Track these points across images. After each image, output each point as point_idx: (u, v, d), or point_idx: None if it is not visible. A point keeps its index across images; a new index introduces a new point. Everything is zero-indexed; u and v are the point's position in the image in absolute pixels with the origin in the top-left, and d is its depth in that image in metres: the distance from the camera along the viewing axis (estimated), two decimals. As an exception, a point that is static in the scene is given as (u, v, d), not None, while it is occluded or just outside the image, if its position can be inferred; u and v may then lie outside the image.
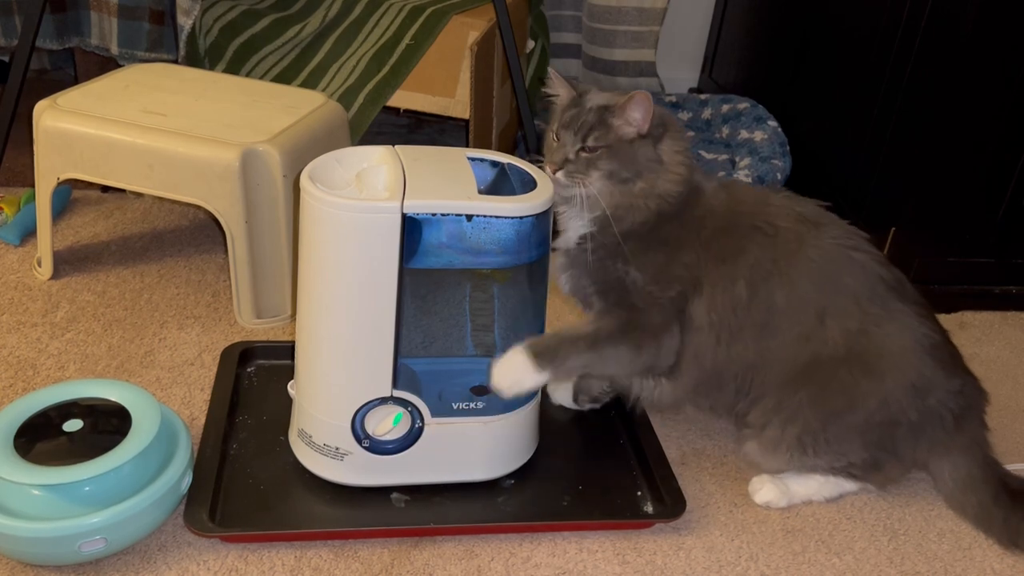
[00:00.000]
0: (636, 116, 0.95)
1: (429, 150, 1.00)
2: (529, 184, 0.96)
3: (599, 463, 1.09)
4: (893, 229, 1.46)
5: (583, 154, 0.97)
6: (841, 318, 0.99)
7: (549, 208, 0.93)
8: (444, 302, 0.92)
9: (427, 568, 0.93)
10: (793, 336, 0.99)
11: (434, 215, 0.87)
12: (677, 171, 0.98)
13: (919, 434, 1.02)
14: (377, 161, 0.97)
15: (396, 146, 0.98)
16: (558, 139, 0.99)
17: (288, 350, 1.08)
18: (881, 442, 1.02)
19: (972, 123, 1.36)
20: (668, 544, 0.99)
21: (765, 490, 1.06)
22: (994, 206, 1.44)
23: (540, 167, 0.99)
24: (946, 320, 1.50)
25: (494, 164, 1.00)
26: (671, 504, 1.01)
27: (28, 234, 1.47)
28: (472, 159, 0.98)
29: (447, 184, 0.91)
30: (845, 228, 1.03)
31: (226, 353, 1.18)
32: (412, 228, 0.87)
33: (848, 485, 1.07)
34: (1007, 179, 1.41)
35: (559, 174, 0.97)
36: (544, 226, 0.93)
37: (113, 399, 0.97)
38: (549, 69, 1.03)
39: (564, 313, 1.42)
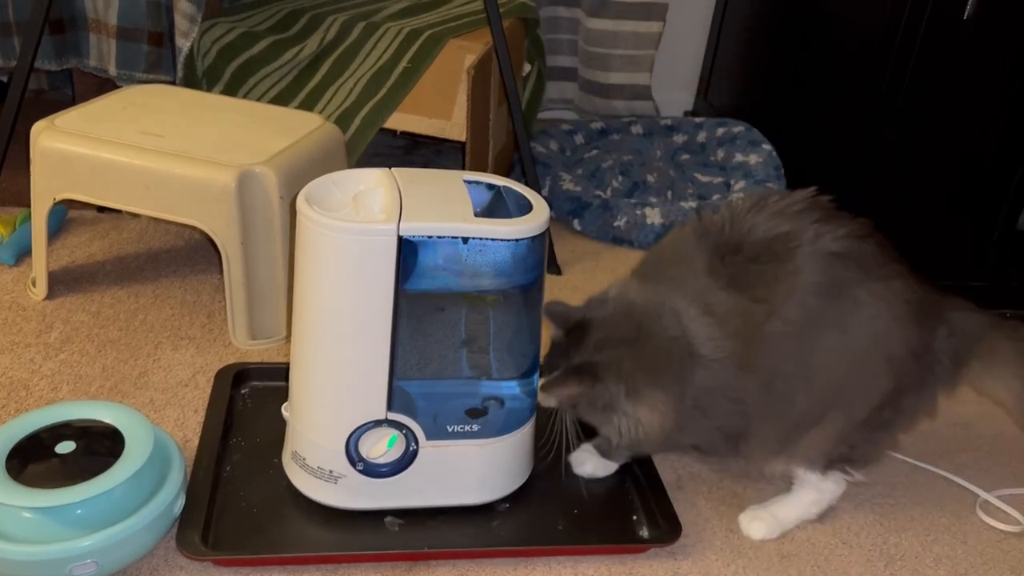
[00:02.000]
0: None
1: (425, 172, 1.00)
2: (525, 207, 0.96)
3: (594, 487, 1.08)
4: (887, 253, 1.47)
5: None
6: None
7: (545, 231, 0.93)
8: (440, 324, 0.92)
9: (421, 593, 0.93)
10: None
11: (430, 237, 0.87)
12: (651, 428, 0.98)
13: (922, 388, 1.01)
14: (373, 183, 0.97)
15: (392, 168, 0.98)
16: None
17: (282, 372, 1.08)
18: (884, 421, 1.00)
19: (965, 148, 1.38)
20: (663, 569, 0.99)
21: (755, 527, 1.04)
22: (987, 230, 1.44)
23: None
24: (941, 343, 1.50)
25: (490, 187, 1.00)
26: (666, 528, 1.00)
27: (23, 254, 1.46)
28: (468, 182, 0.98)
29: (443, 206, 0.92)
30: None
31: (220, 375, 1.18)
32: (408, 250, 0.87)
33: (836, 488, 1.05)
34: (1001, 202, 1.42)
35: None
36: (539, 249, 0.93)
37: (106, 421, 0.96)
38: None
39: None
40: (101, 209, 1.63)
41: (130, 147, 1.23)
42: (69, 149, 1.24)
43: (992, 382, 1.05)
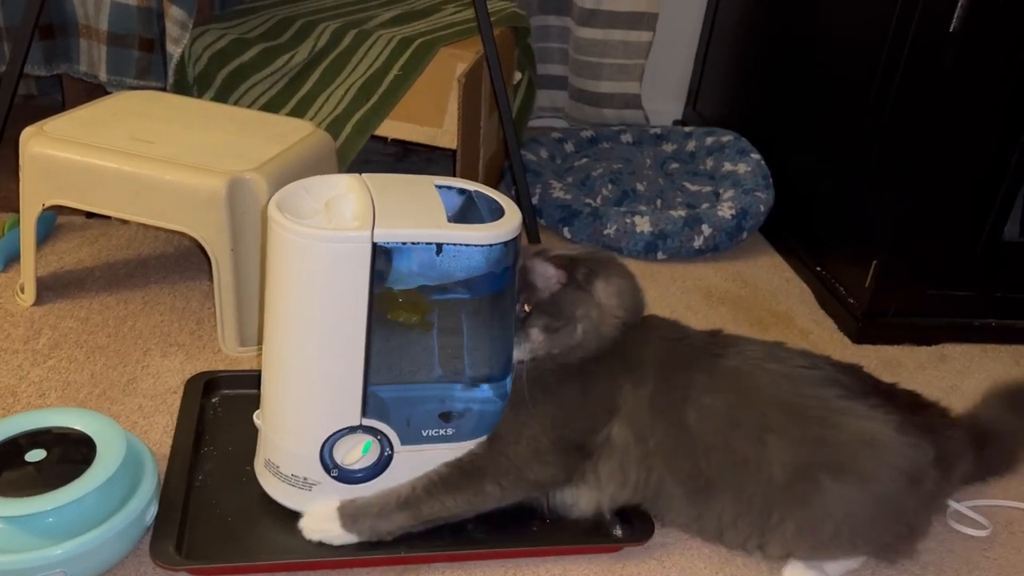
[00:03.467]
0: (537, 282, 0.99)
1: (397, 178, 1.00)
2: (497, 211, 0.96)
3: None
4: (875, 262, 1.48)
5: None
6: (784, 435, 0.95)
7: (518, 235, 0.93)
8: (413, 329, 0.92)
9: (410, 600, 0.93)
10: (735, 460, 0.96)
11: (404, 244, 0.87)
12: (615, 314, 1.01)
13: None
14: (345, 189, 0.97)
15: (364, 174, 0.98)
16: None
17: (254, 380, 1.07)
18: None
19: (953, 158, 1.39)
20: (650, 570, 0.99)
21: None
22: (973, 240, 1.46)
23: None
24: (927, 352, 1.51)
25: (461, 191, 1.01)
26: (639, 527, 1.01)
27: (11, 260, 1.46)
28: (440, 187, 0.99)
29: (416, 212, 0.92)
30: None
31: (191, 383, 1.17)
32: (382, 257, 0.87)
33: None
34: (985, 214, 1.43)
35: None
36: (512, 253, 0.93)
37: (77, 428, 0.95)
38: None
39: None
40: (90, 215, 1.63)
41: (120, 153, 1.23)
42: (58, 155, 1.24)
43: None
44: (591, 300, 0.99)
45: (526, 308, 0.98)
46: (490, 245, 0.90)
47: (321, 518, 0.95)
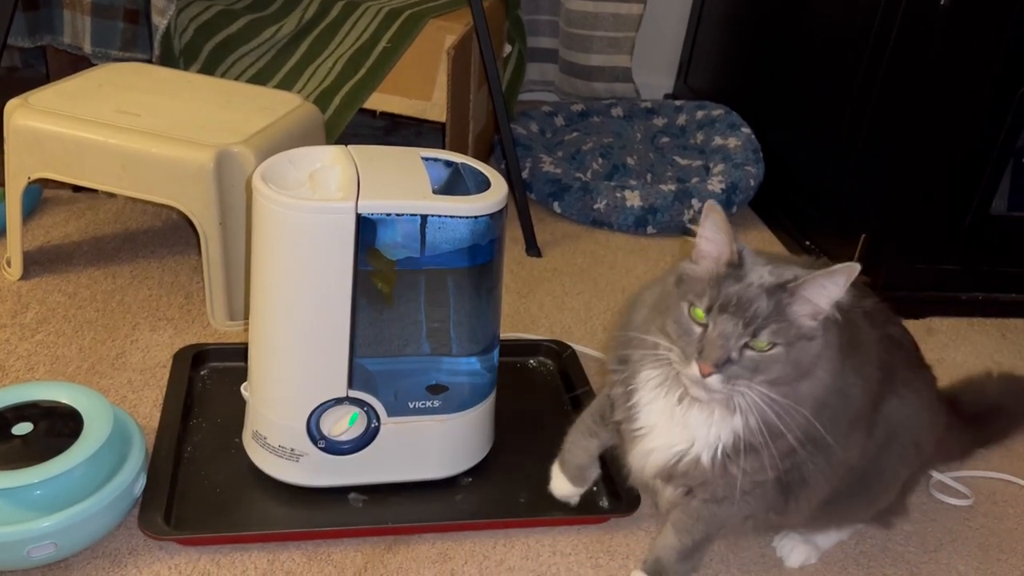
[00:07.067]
0: (822, 303, 0.73)
1: (383, 150, 1.00)
2: (483, 184, 0.96)
3: (554, 460, 1.09)
4: (863, 236, 1.49)
5: (749, 352, 0.73)
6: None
7: (503, 208, 0.93)
8: (399, 301, 0.92)
9: (400, 571, 0.93)
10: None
11: (388, 215, 0.87)
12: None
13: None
14: (330, 161, 0.96)
15: (349, 146, 0.98)
16: (714, 324, 0.73)
17: (241, 352, 1.07)
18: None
19: (940, 133, 1.39)
20: (640, 547, 1.00)
21: (795, 556, 1.00)
22: (961, 214, 1.46)
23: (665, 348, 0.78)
24: (914, 326, 1.52)
25: (448, 164, 1.00)
26: (626, 499, 1.02)
27: (-3, 234, 1.45)
28: (426, 159, 0.98)
29: (401, 184, 0.92)
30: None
31: (179, 356, 1.18)
32: (367, 228, 0.87)
33: None
34: (973, 189, 1.44)
35: (714, 378, 0.73)
36: (498, 226, 0.93)
37: (64, 401, 0.95)
38: (708, 202, 0.77)
39: (521, 309, 1.43)
40: (77, 189, 1.62)
41: (106, 126, 1.22)
42: (43, 128, 1.23)
43: None
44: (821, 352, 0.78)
45: (759, 341, 0.74)
46: (475, 217, 0.90)
47: None
